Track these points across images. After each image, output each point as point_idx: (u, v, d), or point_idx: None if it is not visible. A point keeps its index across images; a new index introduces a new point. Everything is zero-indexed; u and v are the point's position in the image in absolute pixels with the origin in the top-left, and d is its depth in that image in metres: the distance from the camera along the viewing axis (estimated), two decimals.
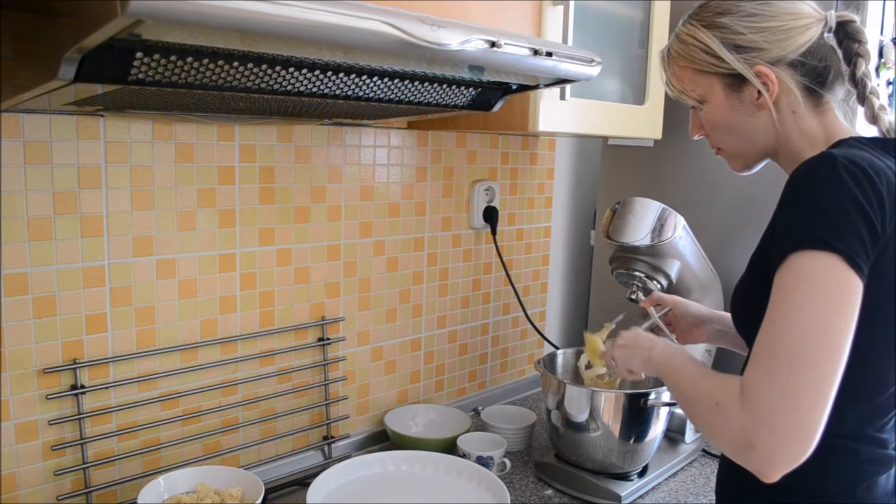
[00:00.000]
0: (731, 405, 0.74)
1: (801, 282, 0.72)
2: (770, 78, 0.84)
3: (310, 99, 0.88)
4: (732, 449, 0.75)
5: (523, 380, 1.82)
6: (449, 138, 1.51)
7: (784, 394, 0.71)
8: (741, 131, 0.90)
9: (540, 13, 1.10)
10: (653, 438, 1.26)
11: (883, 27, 1.45)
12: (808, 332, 0.71)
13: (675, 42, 0.91)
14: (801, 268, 0.73)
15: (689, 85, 0.91)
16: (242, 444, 1.25)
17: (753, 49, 0.84)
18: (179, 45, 0.67)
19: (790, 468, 0.72)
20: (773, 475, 0.72)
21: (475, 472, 1.18)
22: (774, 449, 0.71)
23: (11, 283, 0.97)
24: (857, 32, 0.84)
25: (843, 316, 0.72)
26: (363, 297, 1.41)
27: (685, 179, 1.63)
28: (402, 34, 0.71)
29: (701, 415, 0.80)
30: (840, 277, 0.71)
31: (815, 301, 0.72)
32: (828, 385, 0.71)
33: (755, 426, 0.72)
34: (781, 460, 0.71)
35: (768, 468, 0.72)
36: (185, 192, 1.13)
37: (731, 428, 0.74)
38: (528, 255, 1.77)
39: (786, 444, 0.71)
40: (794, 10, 0.84)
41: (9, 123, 0.94)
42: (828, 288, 0.71)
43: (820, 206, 0.74)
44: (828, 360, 0.71)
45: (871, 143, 0.81)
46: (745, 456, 0.74)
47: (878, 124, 0.84)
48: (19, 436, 1.00)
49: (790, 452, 0.71)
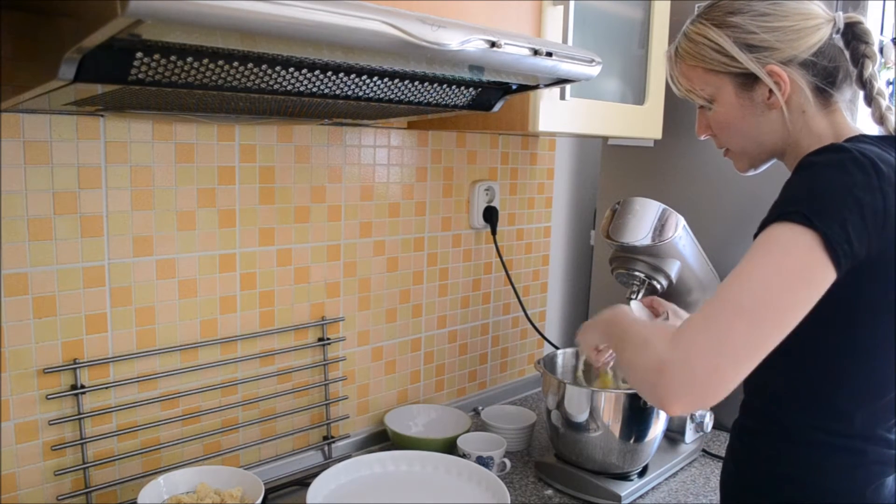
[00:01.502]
0: (658, 342, 0.75)
1: (770, 246, 0.73)
2: (782, 77, 0.84)
3: (310, 99, 0.88)
4: (643, 377, 0.75)
5: (523, 380, 1.82)
6: (449, 138, 1.51)
7: (713, 337, 0.71)
8: (750, 131, 0.90)
9: (540, 13, 1.10)
10: (653, 438, 1.26)
11: (883, 27, 1.45)
12: (760, 290, 0.71)
13: (684, 41, 0.91)
14: (776, 235, 0.73)
15: (698, 84, 0.90)
16: (242, 444, 1.25)
17: (766, 48, 0.84)
18: (179, 45, 0.67)
19: (690, 408, 0.72)
20: (672, 407, 0.72)
21: (475, 472, 1.18)
22: (683, 382, 0.71)
23: (11, 283, 0.97)
24: (865, 34, 0.84)
25: (801, 290, 0.71)
26: (363, 297, 1.41)
27: (685, 179, 1.63)
28: (402, 34, 0.71)
29: (628, 352, 0.80)
30: (811, 255, 0.71)
31: (778, 266, 0.72)
32: (759, 345, 0.71)
33: (673, 357, 0.72)
34: (686, 395, 0.71)
35: (671, 399, 0.72)
36: (185, 192, 1.13)
37: (650, 358, 0.74)
38: (528, 255, 1.77)
39: (695, 380, 0.71)
40: (806, 10, 0.84)
41: (9, 123, 0.94)
42: (795, 259, 0.71)
43: (814, 187, 0.74)
44: (770, 323, 0.71)
45: (880, 140, 0.81)
46: (652, 385, 0.74)
47: (884, 124, 0.84)
48: (19, 436, 1.00)
49: (696, 391, 0.71)
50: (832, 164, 0.75)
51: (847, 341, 0.79)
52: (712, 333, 0.71)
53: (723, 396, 0.71)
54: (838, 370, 0.80)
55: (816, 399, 0.82)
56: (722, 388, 0.71)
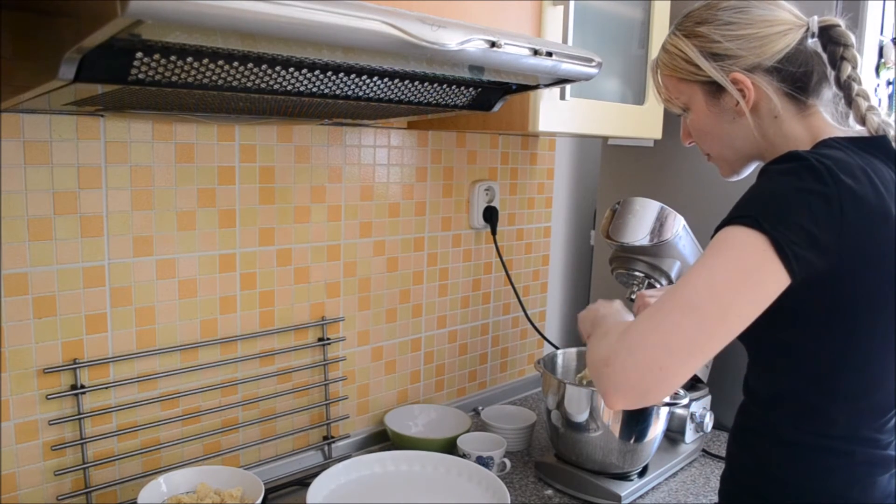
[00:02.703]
0: (613, 335, 0.77)
1: (719, 248, 0.74)
2: (746, 84, 0.85)
3: (310, 99, 0.88)
4: (594, 367, 0.77)
5: (523, 380, 1.82)
6: (449, 138, 1.51)
7: (658, 331, 0.72)
8: (723, 137, 0.92)
9: (540, 13, 1.10)
10: (653, 438, 1.26)
11: (883, 27, 1.45)
12: (707, 290, 0.72)
13: (661, 52, 0.94)
14: (726, 237, 0.75)
15: (673, 93, 0.94)
16: (242, 444, 1.25)
17: (729, 57, 0.86)
18: (179, 46, 0.67)
19: (630, 402, 0.73)
20: (614, 401, 0.74)
21: (475, 472, 1.18)
22: (625, 374, 0.73)
23: (11, 283, 0.97)
24: (841, 36, 0.85)
25: (748, 291, 0.72)
26: (363, 297, 1.41)
27: (685, 179, 1.63)
28: (402, 34, 0.71)
29: (591, 343, 0.83)
30: (759, 257, 0.72)
31: (726, 265, 0.73)
32: (704, 344, 0.72)
33: (619, 349, 0.74)
34: (627, 388, 0.73)
35: (612, 392, 0.74)
36: (185, 192, 1.13)
37: (602, 350, 0.76)
38: (528, 255, 1.77)
39: (637, 373, 0.72)
40: (771, 17, 0.85)
41: (9, 123, 0.94)
42: (743, 261, 0.73)
43: (766, 193, 0.76)
44: (716, 323, 0.72)
45: (850, 142, 0.82)
46: (599, 375, 0.75)
47: (866, 125, 0.84)
48: (19, 436, 1.00)
49: (638, 384, 0.72)
50: (786, 171, 0.76)
51: (830, 345, 0.79)
52: (658, 330, 0.72)
53: (665, 394, 0.72)
54: (821, 372, 0.81)
55: (801, 401, 0.83)
56: (664, 384, 0.72)
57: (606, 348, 0.76)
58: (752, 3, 0.86)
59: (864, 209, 0.74)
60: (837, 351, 0.79)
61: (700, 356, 0.72)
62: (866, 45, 1.40)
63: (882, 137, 0.82)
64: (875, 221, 0.75)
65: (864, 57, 1.39)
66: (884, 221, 0.75)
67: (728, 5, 0.87)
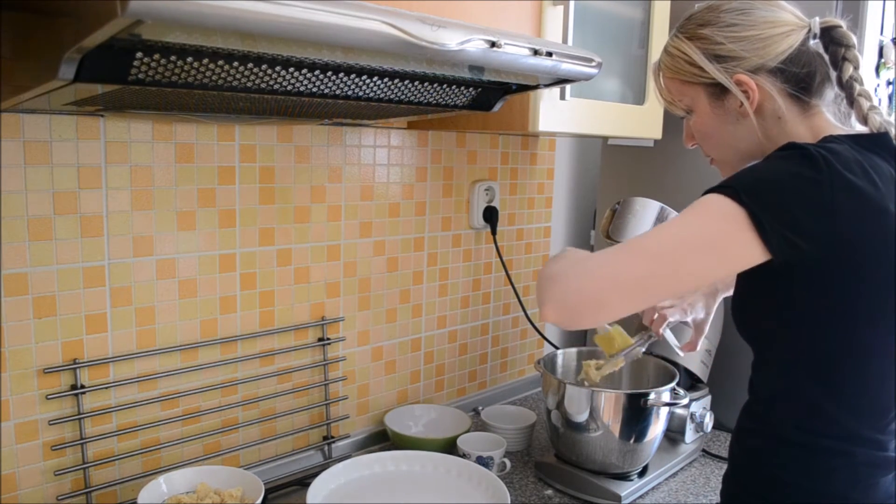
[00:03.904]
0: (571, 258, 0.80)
1: (697, 210, 0.77)
2: (750, 86, 0.86)
3: (310, 99, 0.88)
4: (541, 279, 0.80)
5: (523, 380, 1.82)
6: (449, 138, 1.51)
7: (610, 267, 0.75)
8: (727, 139, 0.92)
9: (540, 13, 1.10)
10: (653, 438, 1.26)
11: (883, 27, 1.45)
12: (670, 241, 0.75)
13: (664, 54, 0.94)
14: (705, 201, 0.77)
15: (676, 95, 0.94)
16: (242, 444, 1.25)
17: (733, 58, 0.86)
18: (179, 46, 0.67)
19: (563, 321, 0.76)
20: (547, 313, 0.77)
21: (475, 472, 1.18)
22: (566, 293, 0.75)
23: (11, 283, 0.97)
24: (843, 37, 0.85)
25: (709, 255, 0.74)
26: (363, 297, 1.41)
27: (685, 179, 1.63)
28: (402, 34, 0.71)
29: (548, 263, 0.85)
30: (732, 226, 0.73)
31: (693, 225, 0.76)
32: (649, 288, 0.75)
33: (571, 271, 0.76)
34: (564, 306, 0.75)
35: (547, 304, 0.76)
36: (185, 192, 1.13)
37: (555, 265, 0.80)
38: (528, 255, 1.77)
39: (578, 296, 0.75)
40: (773, 19, 0.86)
41: (9, 123, 0.94)
42: (714, 226, 0.75)
43: (757, 171, 0.78)
44: (669, 270, 0.74)
45: (851, 139, 0.82)
46: (543, 286, 0.78)
47: (868, 124, 0.84)
48: (19, 436, 1.00)
49: (575, 306, 0.75)
50: (783, 157, 0.78)
51: (830, 341, 0.80)
52: (612, 265, 0.75)
53: (594, 323, 0.75)
54: (822, 370, 0.81)
55: (801, 400, 0.83)
56: (598, 314, 0.75)
57: (559, 266, 0.78)
58: (755, 5, 0.86)
59: (858, 200, 0.74)
60: (837, 348, 0.79)
61: (640, 300, 0.75)
62: (866, 45, 1.40)
63: (883, 134, 0.83)
64: (871, 214, 0.75)
65: (864, 57, 1.39)
66: (881, 215, 0.75)
67: (730, 7, 0.87)
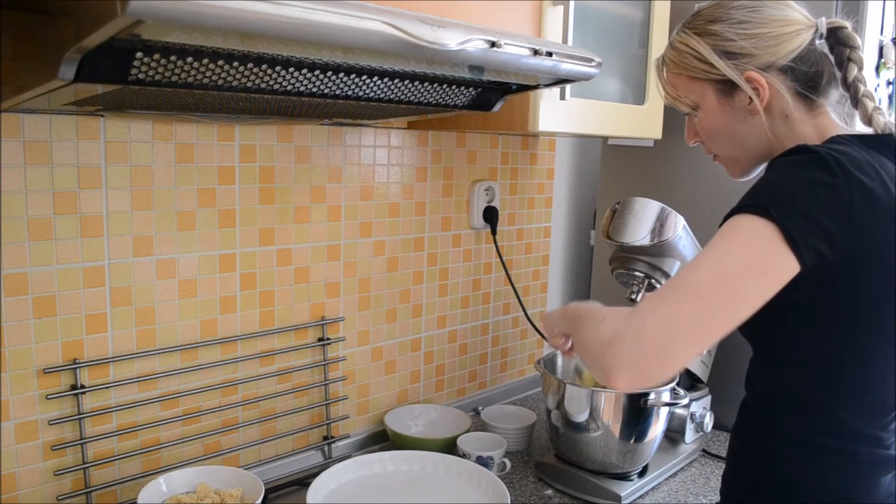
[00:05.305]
0: (613, 317, 0.76)
1: (728, 235, 0.74)
2: (761, 83, 0.86)
3: (310, 99, 0.88)
4: (594, 349, 0.76)
5: (523, 380, 1.82)
6: (449, 138, 1.51)
7: (665, 316, 0.72)
8: (734, 136, 0.91)
9: (540, 13, 1.10)
10: (653, 438, 1.26)
11: (883, 27, 1.45)
12: (714, 274, 0.72)
13: (669, 50, 0.93)
14: (735, 225, 0.75)
15: (682, 92, 0.93)
16: (242, 444, 1.25)
17: (744, 55, 0.86)
18: (179, 46, 0.67)
19: (635, 383, 0.73)
20: (617, 381, 0.73)
21: (475, 472, 1.18)
22: (630, 355, 0.72)
23: (11, 283, 0.97)
24: (848, 38, 0.86)
25: (754, 278, 0.72)
26: (363, 297, 1.41)
27: (685, 179, 1.63)
28: (402, 34, 0.71)
29: (584, 328, 0.80)
30: (768, 245, 0.72)
31: (733, 252, 0.73)
32: (709, 328, 0.72)
33: (625, 331, 0.73)
34: (633, 371, 0.72)
35: (616, 372, 0.73)
36: (185, 192, 1.13)
37: (604, 331, 0.75)
38: (528, 255, 1.77)
39: (643, 356, 0.72)
40: (784, 17, 0.86)
41: (9, 123, 0.94)
42: (751, 248, 0.73)
43: (775, 183, 0.76)
44: (721, 307, 0.72)
45: (857, 139, 0.82)
46: (601, 356, 0.74)
47: (872, 125, 0.85)
48: (19, 436, 1.00)
49: (643, 366, 0.72)
50: (796, 163, 0.77)
51: (831, 340, 0.80)
52: (665, 312, 0.72)
53: (668, 375, 0.72)
54: (822, 368, 0.81)
55: (802, 398, 0.83)
56: (668, 365, 0.72)
57: (608, 331, 0.74)
58: (765, 3, 0.86)
59: (872, 203, 0.74)
60: (838, 346, 0.79)
61: (704, 342, 0.72)
62: (866, 45, 1.40)
63: (889, 135, 0.83)
64: (882, 216, 0.75)
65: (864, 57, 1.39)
66: (890, 217, 0.75)
67: (740, 4, 0.87)
